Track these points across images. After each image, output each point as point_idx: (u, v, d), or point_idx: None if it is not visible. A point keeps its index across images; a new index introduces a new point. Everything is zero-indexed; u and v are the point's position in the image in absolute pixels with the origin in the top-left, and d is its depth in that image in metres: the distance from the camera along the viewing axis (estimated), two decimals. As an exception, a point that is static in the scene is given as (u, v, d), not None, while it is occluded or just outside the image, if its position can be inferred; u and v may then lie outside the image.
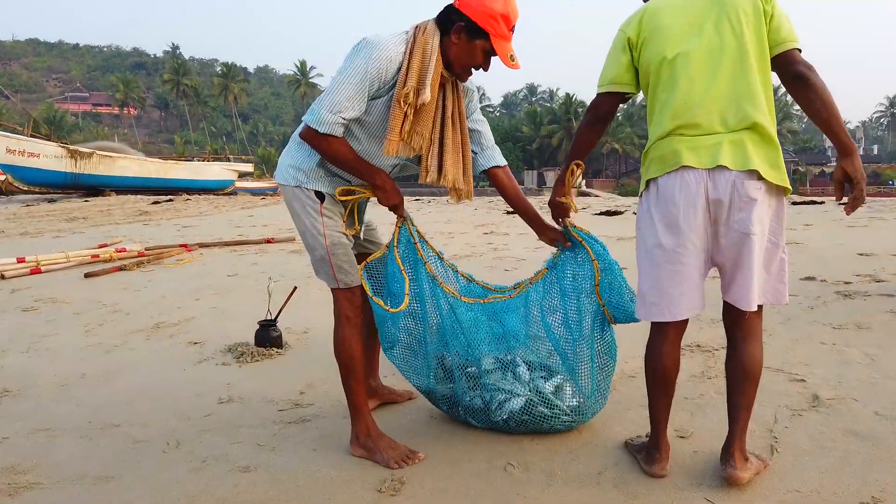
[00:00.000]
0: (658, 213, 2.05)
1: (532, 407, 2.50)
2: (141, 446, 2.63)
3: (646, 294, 2.14)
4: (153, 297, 5.37)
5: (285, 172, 2.45)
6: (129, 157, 22.27)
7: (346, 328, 2.47)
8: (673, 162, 2.00)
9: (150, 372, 3.53)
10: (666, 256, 2.05)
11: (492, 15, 2.19)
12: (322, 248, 2.42)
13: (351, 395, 2.49)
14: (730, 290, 2.09)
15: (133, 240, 8.87)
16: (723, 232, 2.01)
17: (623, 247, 6.90)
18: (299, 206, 2.42)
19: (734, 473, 2.05)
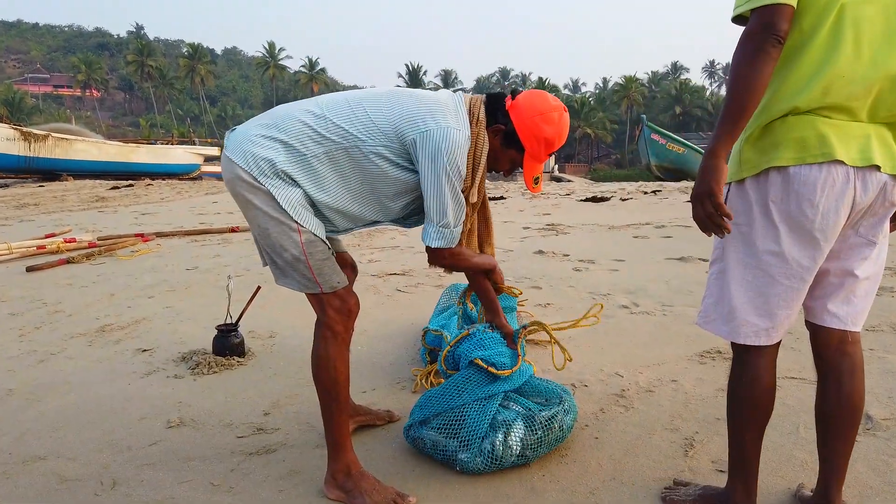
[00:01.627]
0: (782, 214, 1.56)
1: (532, 420, 2.13)
2: (69, 487, 2.15)
3: (743, 311, 1.66)
4: (101, 295, 4.82)
5: (251, 161, 1.92)
6: (88, 139, 21.24)
7: (332, 345, 2.01)
8: (820, 151, 1.50)
9: (88, 387, 3.02)
10: (786, 270, 1.59)
11: (538, 137, 2.03)
12: (295, 247, 1.94)
13: (331, 427, 2.04)
14: (831, 305, 1.67)
15: (85, 229, 8.23)
16: (843, 236, 1.60)
17: (618, 236, 6.54)
18: (259, 201, 1.92)
19: None
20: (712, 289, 1.74)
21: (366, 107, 1.97)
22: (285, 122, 1.95)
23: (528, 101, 2.04)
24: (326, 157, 1.93)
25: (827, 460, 1.71)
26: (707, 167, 1.52)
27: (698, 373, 2.89)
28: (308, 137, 1.92)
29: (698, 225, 1.59)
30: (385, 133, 1.93)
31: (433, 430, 2.18)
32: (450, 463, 2.14)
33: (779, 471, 2.06)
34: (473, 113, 2.04)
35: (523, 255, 5.53)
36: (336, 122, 1.94)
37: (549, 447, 2.17)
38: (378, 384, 2.93)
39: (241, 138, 1.96)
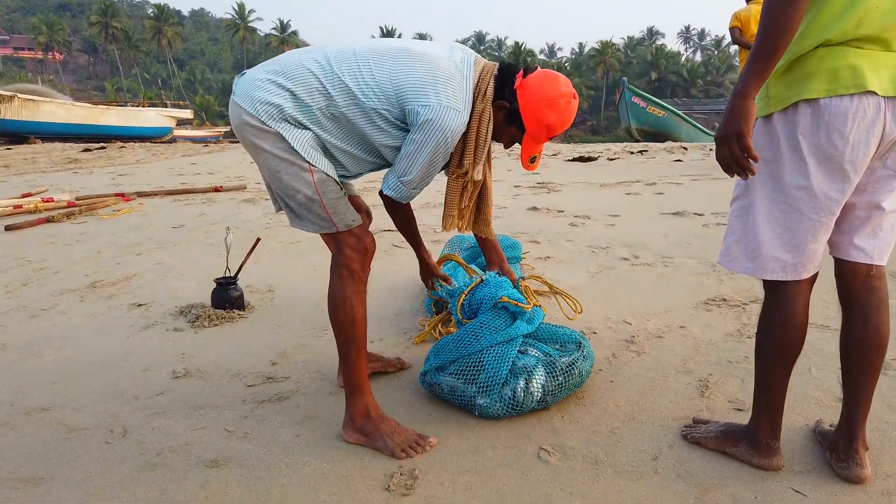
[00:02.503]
0: (811, 146, 1.53)
1: (553, 366, 2.12)
2: (77, 436, 2.10)
3: (770, 247, 1.64)
4: (86, 253, 4.70)
5: (259, 106, 1.86)
6: (56, 101, 20.55)
7: (349, 284, 1.97)
8: (852, 82, 1.47)
9: (85, 341, 2.95)
10: (814, 204, 1.57)
11: (541, 121, 1.99)
12: (308, 187, 1.89)
13: (349, 369, 2.01)
14: (857, 239, 1.66)
15: (61, 189, 7.98)
16: (871, 168, 1.59)
17: (610, 193, 6.53)
18: (269, 144, 1.88)
19: (861, 473, 1.68)
20: (734, 226, 1.72)
21: (372, 66, 1.91)
22: (294, 70, 1.90)
23: (538, 83, 1.98)
24: (329, 111, 1.90)
25: (852, 394, 1.72)
26: (736, 107, 1.49)
27: (705, 319, 2.91)
28: (315, 89, 1.88)
29: (722, 166, 1.57)
30: (387, 96, 1.89)
31: (451, 375, 2.16)
32: (468, 407, 2.13)
33: (795, 408, 2.08)
34: (481, 88, 1.98)
35: (517, 212, 5.50)
36: (340, 76, 1.89)
37: (568, 392, 2.17)
38: (385, 334, 2.90)
39: (249, 83, 1.91)
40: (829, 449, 1.78)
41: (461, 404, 2.15)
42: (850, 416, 1.73)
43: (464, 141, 2.00)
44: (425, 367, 2.27)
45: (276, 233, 5.13)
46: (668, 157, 9.68)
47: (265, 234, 5.04)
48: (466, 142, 2.00)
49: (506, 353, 2.13)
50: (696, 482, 1.74)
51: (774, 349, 1.71)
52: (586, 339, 2.32)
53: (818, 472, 1.75)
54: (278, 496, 1.74)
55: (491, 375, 2.09)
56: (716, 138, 1.55)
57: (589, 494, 1.70)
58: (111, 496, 1.75)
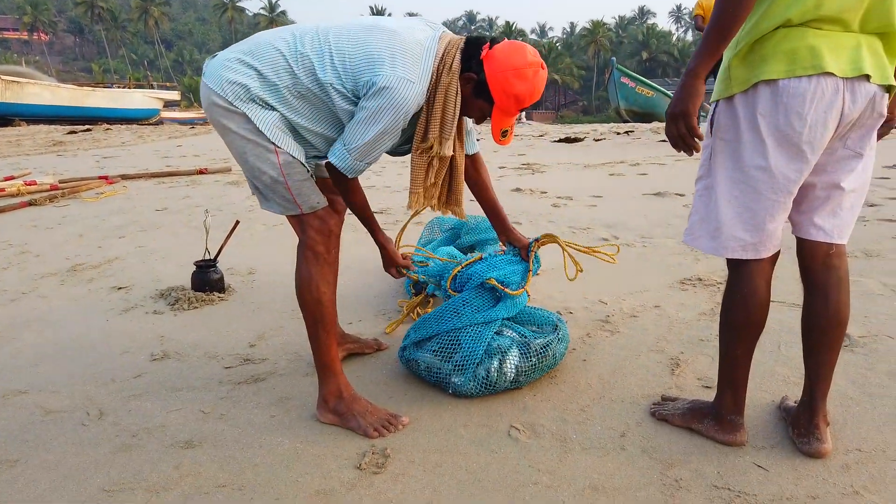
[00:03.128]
0: (770, 127, 1.55)
1: (527, 348, 2.15)
2: (53, 419, 2.11)
3: (730, 227, 1.67)
4: (68, 236, 4.68)
5: (227, 86, 1.86)
6: (40, 82, 20.26)
7: (314, 266, 1.98)
8: (810, 63, 1.48)
9: (64, 324, 2.96)
10: (772, 184, 1.59)
11: (508, 92, 1.94)
12: (273, 168, 1.89)
13: (318, 350, 2.03)
14: (817, 219, 1.69)
15: (45, 172, 7.92)
16: (831, 148, 1.60)
17: (594, 174, 6.54)
18: (235, 125, 1.87)
19: (821, 447, 1.71)
20: (698, 206, 1.74)
21: (331, 38, 1.89)
22: (261, 49, 1.89)
23: (504, 53, 1.93)
24: (296, 89, 1.88)
25: (813, 371, 1.76)
26: (686, 86, 1.54)
27: (680, 299, 2.94)
28: (281, 67, 1.87)
29: (670, 143, 1.62)
30: (344, 69, 1.85)
31: (428, 352, 2.19)
32: (443, 385, 2.15)
33: (763, 385, 2.12)
34: (446, 62, 1.93)
35: (501, 193, 5.48)
36: (304, 51, 1.87)
37: (542, 373, 2.20)
38: (364, 316, 2.92)
39: (218, 64, 1.90)
40: (791, 424, 1.82)
41: (436, 382, 2.17)
42: (811, 392, 1.76)
43: (428, 114, 1.95)
44: (404, 342, 2.30)
45: (258, 215, 5.12)
46: (654, 137, 9.69)
47: (248, 216, 5.03)
48: (431, 115, 1.95)
49: (483, 333, 2.15)
50: (661, 458, 1.77)
51: (737, 326, 1.75)
52: (563, 321, 2.34)
53: (781, 447, 1.79)
54: (251, 475, 1.76)
55: (467, 354, 2.12)
56: (666, 115, 1.60)
57: (556, 471, 1.74)
58: (85, 478, 1.77)
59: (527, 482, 1.69)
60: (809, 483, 1.63)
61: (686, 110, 1.54)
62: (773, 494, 1.60)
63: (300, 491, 1.69)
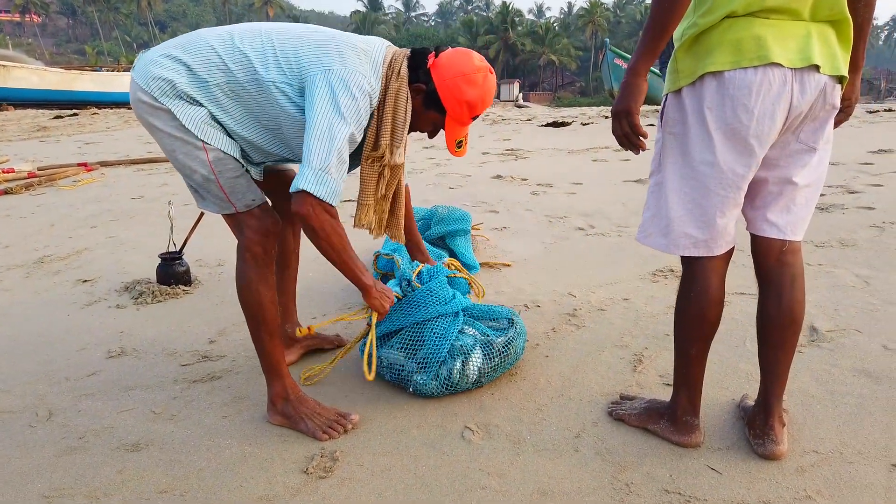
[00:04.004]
0: (717, 121, 1.49)
1: (490, 347, 2.10)
2: (2, 419, 2.07)
3: (680, 223, 1.62)
4: (40, 226, 4.61)
5: (152, 82, 1.76)
6: (27, 66, 20.01)
7: (252, 268, 1.91)
8: (756, 54, 1.42)
9: (25, 319, 2.90)
10: (720, 179, 1.54)
11: (459, 99, 1.89)
12: (203, 166, 1.82)
13: (262, 352, 1.97)
14: (770, 215, 1.63)
15: (25, 158, 7.82)
16: (783, 142, 1.55)
17: (577, 160, 6.47)
18: (161, 122, 1.79)
19: (776, 450, 1.68)
20: (650, 202, 1.69)
21: (274, 38, 1.81)
22: (193, 45, 1.81)
23: (450, 60, 1.90)
24: (229, 88, 1.80)
25: (767, 370, 1.72)
26: (627, 84, 1.51)
27: (650, 291, 2.89)
28: (213, 64, 1.78)
29: (617, 141, 1.60)
30: (289, 66, 1.78)
31: (392, 348, 2.13)
32: (403, 383, 2.10)
33: (723, 382, 2.08)
34: (394, 68, 1.87)
35: (481, 180, 5.45)
36: (242, 49, 1.79)
37: (503, 370, 2.15)
38: (328, 310, 2.86)
39: (147, 59, 1.81)
40: (748, 425, 1.78)
41: (396, 380, 2.12)
42: (766, 391, 1.72)
43: (379, 121, 1.90)
44: (363, 342, 2.24)
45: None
46: (643, 121, 9.61)
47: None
48: (382, 122, 1.89)
49: (447, 330, 2.09)
50: (615, 460, 1.73)
51: (691, 325, 1.70)
52: (517, 314, 2.30)
53: (736, 448, 1.75)
54: (195, 481, 1.72)
55: (431, 352, 2.06)
56: (611, 113, 1.58)
57: (506, 474, 1.69)
58: (26, 482, 1.73)
59: (475, 486, 1.65)
60: (762, 487, 1.60)
61: (628, 108, 1.52)
62: (725, 499, 1.56)
63: (243, 497, 1.65)
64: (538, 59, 64.18)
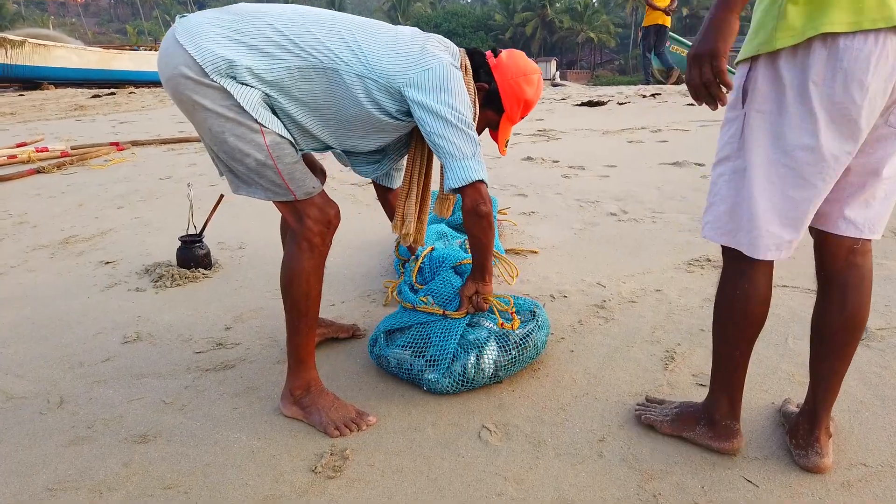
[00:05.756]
0: (824, 98, 1.25)
1: (506, 339, 1.99)
2: (14, 405, 2.04)
3: (766, 220, 1.38)
4: (69, 205, 4.62)
5: (206, 54, 1.63)
6: (67, 46, 20.30)
7: (308, 259, 1.79)
8: (880, 14, 1.18)
9: (45, 301, 2.88)
10: (820, 168, 1.31)
11: (519, 98, 1.97)
12: (259, 150, 1.69)
13: (298, 344, 1.87)
14: (847, 210, 1.43)
15: (61, 137, 7.90)
16: (874, 126, 1.33)
17: (611, 141, 6.25)
18: (210, 101, 1.65)
19: (821, 462, 1.53)
20: (724, 193, 1.44)
21: (355, 34, 1.75)
22: (250, 24, 1.68)
23: (512, 60, 1.98)
24: (300, 70, 1.69)
25: (819, 377, 1.56)
26: (716, 20, 1.23)
27: (684, 282, 2.74)
28: (279, 46, 1.67)
29: (691, 91, 1.32)
30: (376, 66, 1.73)
31: (398, 348, 2.04)
32: (415, 381, 2.01)
33: (763, 384, 1.94)
34: (464, 64, 1.90)
35: (510, 162, 5.29)
36: (319, 36, 1.70)
37: (522, 365, 2.04)
38: (348, 297, 2.78)
39: (196, 31, 1.66)
40: (790, 433, 1.64)
41: (409, 379, 2.03)
42: (815, 400, 1.57)
43: None
44: (374, 334, 2.16)
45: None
46: (681, 100, 9.25)
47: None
48: None
49: (452, 327, 1.99)
50: (642, 468, 1.61)
51: (735, 325, 1.53)
52: (540, 306, 2.18)
53: (775, 458, 1.62)
54: (200, 477, 1.65)
55: (439, 349, 1.97)
56: (688, 56, 1.29)
57: (524, 479, 1.59)
58: (31, 473, 1.69)
59: (490, 492, 1.55)
60: (804, 503, 1.46)
61: (714, 49, 1.23)
62: (762, 515, 1.43)
63: (248, 496, 1.58)
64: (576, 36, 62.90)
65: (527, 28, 63.59)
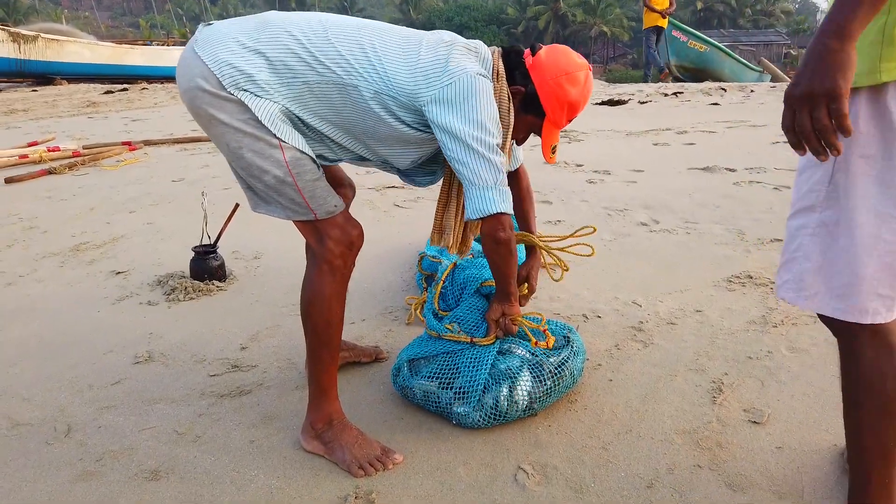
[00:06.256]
0: None
1: (540, 369, 1.86)
2: (18, 434, 1.93)
3: (873, 283, 1.15)
4: (80, 209, 4.52)
5: (224, 68, 1.53)
6: (80, 41, 20.27)
7: (329, 283, 1.68)
8: None
9: (54, 315, 2.78)
10: None
11: (561, 100, 1.78)
12: (279, 167, 1.58)
13: (319, 373, 1.76)
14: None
15: (72, 136, 7.82)
16: None
17: (636, 143, 6.07)
18: (227, 115, 1.55)
19: None
20: (809, 249, 1.21)
21: (377, 46, 1.63)
22: (270, 33, 1.59)
23: (552, 58, 1.80)
24: (318, 86, 1.60)
25: None
26: (829, 52, 0.98)
27: (726, 301, 2.58)
28: (299, 59, 1.58)
29: (791, 139, 1.06)
30: (396, 84, 1.62)
31: (424, 378, 1.90)
32: (444, 415, 1.88)
33: (822, 422, 1.78)
34: (494, 66, 1.75)
35: (533, 166, 5.09)
36: (340, 49, 1.60)
37: (559, 396, 1.90)
38: (368, 314, 2.65)
39: (214, 40, 1.57)
40: None
41: (436, 411, 1.90)
42: None
43: None
44: (396, 363, 2.02)
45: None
46: (704, 99, 9.02)
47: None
48: None
49: (482, 355, 1.85)
50: (696, 520, 1.47)
51: (879, 410, 1.22)
52: (574, 330, 2.04)
53: (844, 512, 1.47)
54: (215, 521, 1.53)
55: (468, 381, 1.83)
56: (789, 96, 1.04)
57: (567, 532, 1.46)
58: (35, 514, 1.57)
59: (531, 547, 1.42)
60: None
61: (833, 89, 0.97)
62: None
63: (266, 546, 1.45)
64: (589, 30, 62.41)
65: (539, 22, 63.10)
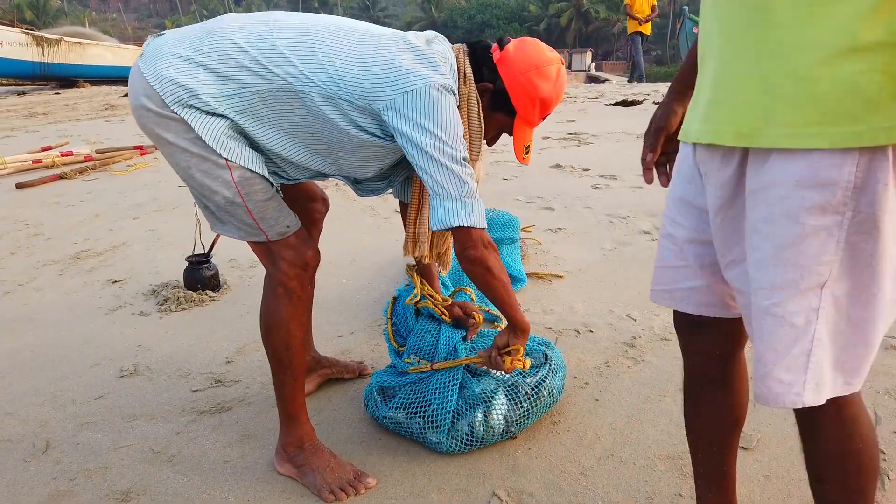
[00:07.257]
0: None
1: (516, 391, 1.80)
2: (1, 449, 1.92)
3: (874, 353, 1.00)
4: (85, 216, 4.55)
5: (165, 85, 1.46)
6: (102, 43, 20.56)
7: (285, 306, 1.63)
8: None
9: (48, 326, 2.78)
10: None
11: (532, 96, 1.67)
12: (227, 187, 1.52)
13: (284, 398, 1.72)
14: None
15: (87, 140, 7.90)
16: None
17: (640, 145, 5.95)
18: (173, 135, 1.49)
19: None
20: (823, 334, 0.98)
21: (330, 46, 1.51)
22: (213, 43, 1.49)
23: (520, 52, 1.68)
24: (269, 94, 1.49)
25: None
26: None
27: (724, 316, 2.49)
28: (243, 68, 1.47)
29: None
30: (349, 86, 1.50)
31: (393, 409, 1.84)
32: (420, 442, 1.82)
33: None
34: (459, 68, 1.65)
35: (538, 171, 5.04)
36: (286, 53, 1.48)
37: (538, 417, 1.85)
38: (357, 326, 2.61)
39: (156, 53, 1.50)
40: None
41: (412, 438, 1.84)
42: None
43: None
44: (368, 388, 1.98)
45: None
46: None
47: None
48: None
49: (448, 380, 1.79)
50: (673, 555, 1.41)
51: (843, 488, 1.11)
52: (552, 346, 1.98)
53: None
54: (180, 547, 1.50)
55: (438, 408, 1.77)
56: None
57: (538, 565, 1.40)
58: (2, 537, 1.56)
59: (498, 582, 1.37)
60: None
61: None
62: None
63: (228, 576, 1.42)
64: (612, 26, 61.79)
65: (562, 19, 62.67)
